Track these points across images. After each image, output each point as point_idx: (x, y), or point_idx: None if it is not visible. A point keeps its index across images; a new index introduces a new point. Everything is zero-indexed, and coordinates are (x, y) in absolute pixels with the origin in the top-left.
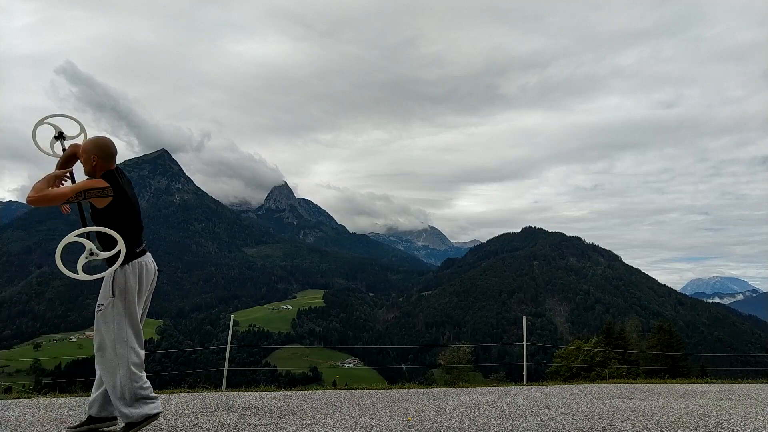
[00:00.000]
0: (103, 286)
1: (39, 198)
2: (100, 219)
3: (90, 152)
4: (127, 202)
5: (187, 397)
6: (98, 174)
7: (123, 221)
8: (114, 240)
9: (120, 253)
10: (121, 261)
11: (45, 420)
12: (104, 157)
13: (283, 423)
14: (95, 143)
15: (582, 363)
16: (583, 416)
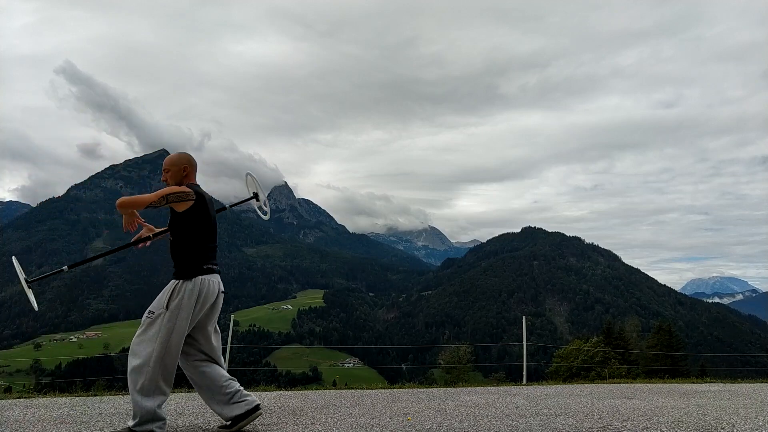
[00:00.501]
0: (160, 293)
1: (125, 201)
2: (177, 225)
3: (181, 163)
4: (206, 212)
5: (188, 396)
6: (184, 183)
7: (198, 230)
8: (186, 251)
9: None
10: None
11: (45, 420)
12: (193, 169)
13: (283, 423)
14: (184, 156)
15: (582, 363)
16: (583, 416)
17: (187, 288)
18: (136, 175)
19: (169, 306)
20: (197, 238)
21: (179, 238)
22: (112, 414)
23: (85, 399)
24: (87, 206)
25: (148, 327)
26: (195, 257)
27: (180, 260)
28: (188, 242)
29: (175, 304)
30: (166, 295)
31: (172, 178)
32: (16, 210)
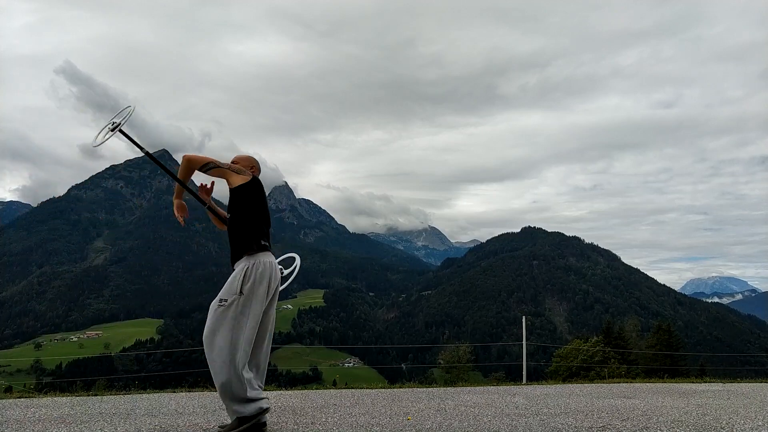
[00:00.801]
0: (229, 281)
1: (190, 158)
2: (232, 201)
3: (250, 162)
4: (260, 190)
5: (188, 396)
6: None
7: (253, 207)
8: (246, 232)
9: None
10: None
11: (46, 419)
12: (256, 168)
13: (284, 422)
14: (250, 159)
15: (581, 362)
16: (583, 415)
17: (258, 270)
18: (136, 175)
19: (243, 290)
20: (253, 214)
21: (237, 214)
22: (113, 414)
23: (85, 399)
24: (87, 206)
25: (221, 315)
26: (252, 234)
27: (241, 238)
28: (246, 218)
29: (249, 287)
30: (238, 279)
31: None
32: (16, 210)
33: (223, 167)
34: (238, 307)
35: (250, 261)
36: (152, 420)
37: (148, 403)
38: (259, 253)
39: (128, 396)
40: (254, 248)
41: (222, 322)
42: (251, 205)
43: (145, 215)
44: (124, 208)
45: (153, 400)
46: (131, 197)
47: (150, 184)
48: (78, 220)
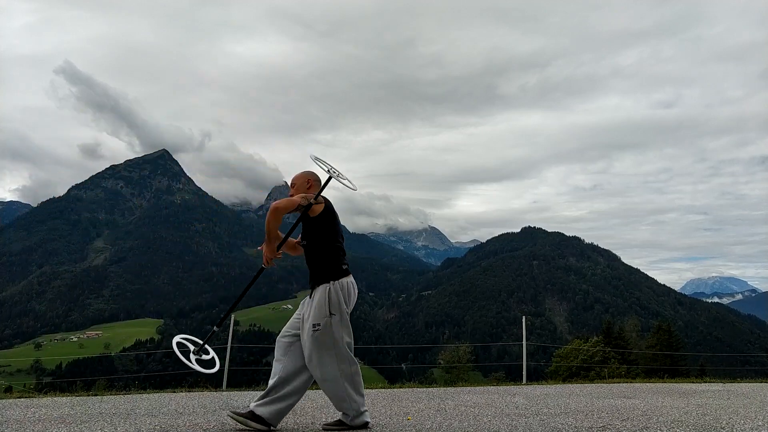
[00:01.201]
0: (316, 306)
1: (281, 206)
2: (310, 229)
3: (305, 177)
4: (334, 214)
5: (188, 396)
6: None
7: (331, 233)
8: (329, 259)
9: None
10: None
11: (46, 419)
12: (316, 181)
13: (284, 422)
14: (309, 174)
15: (581, 362)
16: (583, 415)
17: (338, 290)
18: (136, 176)
19: (331, 311)
20: (332, 240)
21: (316, 242)
22: (113, 414)
23: (85, 399)
24: (87, 206)
25: (318, 339)
26: (335, 259)
27: (321, 264)
28: (325, 245)
29: (335, 308)
30: (324, 303)
31: (297, 191)
32: (16, 210)
33: (304, 204)
34: (333, 326)
35: (332, 283)
36: (152, 420)
37: (148, 403)
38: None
39: (128, 396)
40: (338, 274)
41: (320, 344)
42: (330, 231)
43: (145, 215)
44: (124, 208)
45: (153, 400)
46: (131, 197)
47: (150, 184)
48: (78, 220)
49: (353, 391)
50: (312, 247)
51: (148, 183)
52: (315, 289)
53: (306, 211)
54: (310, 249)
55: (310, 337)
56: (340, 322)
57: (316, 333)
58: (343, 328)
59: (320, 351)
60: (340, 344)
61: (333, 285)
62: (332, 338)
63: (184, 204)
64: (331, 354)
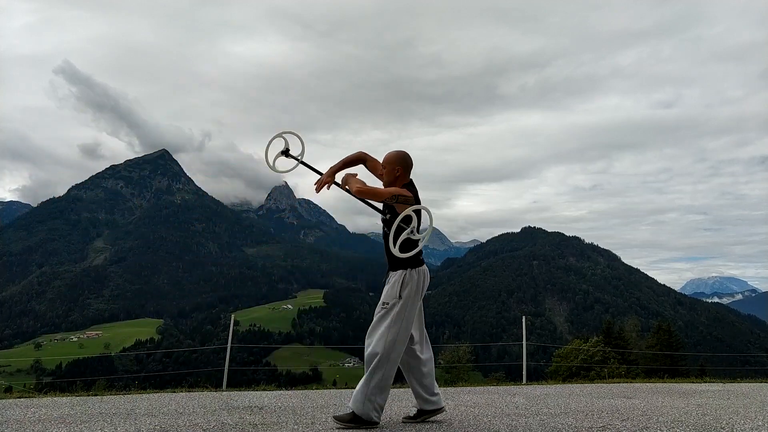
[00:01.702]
0: (390, 286)
1: (368, 190)
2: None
3: (394, 164)
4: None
5: (188, 396)
6: (398, 184)
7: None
8: (409, 244)
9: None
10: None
11: (46, 419)
12: (406, 169)
13: (284, 422)
14: (399, 156)
15: (581, 362)
16: (583, 415)
17: (414, 277)
18: (136, 175)
19: (401, 295)
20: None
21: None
22: (113, 414)
23: (85, 399)
24: (87, 206)
25: (383, 317)
26: (416, 252)
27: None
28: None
29: (407, 293)
30: (397, 285)
31: (386, 176)
32: (16, 210)
33: (391, 202)
34: (396, 309)
35: (408, 270)
36: (152, 420)
37: (148, 403)
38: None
39: (128, 396)
40: (415, 263)
41: (383, 321)
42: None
43: (145, 215)
44: (124, 208)
45: (153, 400)
46: (131, 197)
47: (150, 184)
48: (78, 220)
49: (384, 375)
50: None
51: (148, 183)
52: (391, 273)
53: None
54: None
55: (378, 312)
56: (406, 307)
57: (383, 310)
58: (406, 313)
59: (379, 327)
60: (400, 328)
61: (409, 272)
62: (393, 320)
63: (184, 204)
64: (386, 334)
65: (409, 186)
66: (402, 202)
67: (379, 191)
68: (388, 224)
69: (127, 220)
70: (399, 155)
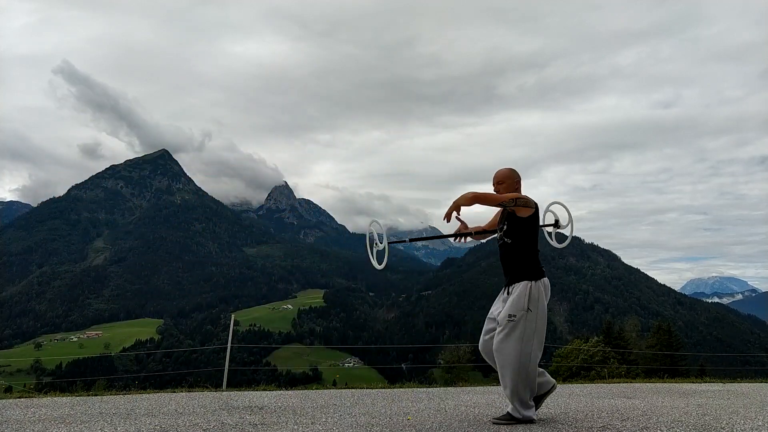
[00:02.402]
0: (516, 299)
1: (479, 196)
2: (517, 229)
3: (513, 177)
4: (538, 220)
5: (188, 396)
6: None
7: (534, 235)
8: (528, 254)
9: (537, 268)
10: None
11: (46, 419)
12: (520, 181)
13: (284, 422)
14: (512, 170)
15: (581, 362)
16: (583, 415)
17: (539, 289)
18: (137, 175)
19: (530, 307)
20: (535, 242)
21: (521, 242)
22: (113, 414)
23: (85, 399)
24: (87, 206)
25: (511, 330)
26: (536, 259)
27: (524, 263)
28: (530, 246)
29: (534, 305)
30: (524, 297)
31: (505, 189)
32: (16, 210)
33: (510, 206)
34: (526, 322)
35: (532, 281)
36: (152, 420)
37: (148, 403)
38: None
39: (128, 396)
40: (539, 274)
41: (512, 334)
42: (534, 233)
43: (145, 215)
44: (124, 208)
45: (153, 400)
46: (131, 197)
47: (150, 184)
48: (78, 220)
49: (526, 385)
50: (515, 246)
51: (148, 183)
52: (514, 285)
53: (513, 212)
54: (512, 247)
55: (505, 324)
56: (535, 319)
57: (510, 322)
58: (537, 325)
59: (509, 340)
60: (530, 339)
61: (534, 283)
62: (523, 332)
63: (184, 204)
64: (519, 347)
65: (536, 215)
66: (522, 205)
67: (498, 196)
68: (510, 234)
69: (127, 220)
70: (511, 170)
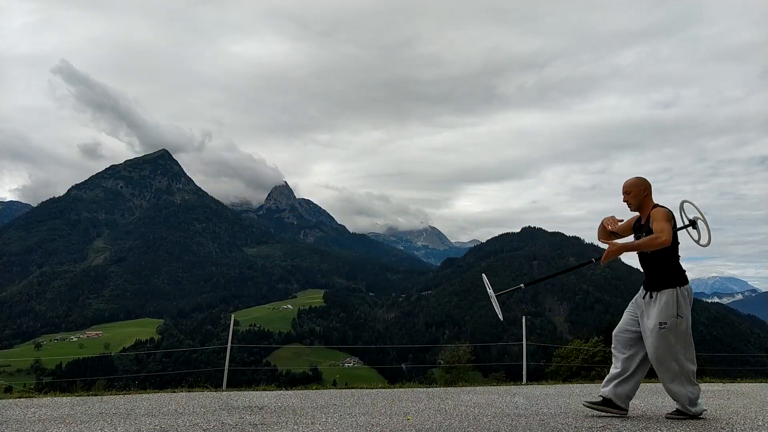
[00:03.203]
0: (664, 307)
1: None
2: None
3: (639, 186)
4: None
5: (188, 396)
6: (647, 202)
7: (677, 247)
8: (673, 262)
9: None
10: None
11: (46, 419)
12: (649, 190)
13: (284, 422)
14: (641, 179)
15: (582, 363)
16: (583, 415)
17: (684, 294)
18: (136, 175)
19: (679, 314)
20: (677, 249)
21: (667, 251)
22: (113, 414)
23: (85, 399)
24: (87, 206)
25: (664, 336)
26: (679, 266)
27: (669, 271)
28: (673, 254)
29: (682, 311)
30: (672, 304)
31: (634, 198)
32: (16, 210)
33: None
34: (678, 327)
35: (678, 288)
36: (152, 420)
37: (148, 403)
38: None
39: (128, 396)
40: (684, 281)
41: (667, 341)
42: (676, 242)
43: (145, 215)
44: (124, 208)
45: (153, 400)
46: (131, 197)
47: (150, 184)
48: (78, 220)
49: (689, 384)
50: (659, 255)
51: (148, 183)
52: (660, 291)
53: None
54: (655, 256)
55: (656, 333)
56: (685, 324)
57: (662, 330)
58: (687, 329)
59: (664, 348)
60: (683, 343)
61: (680, 290)
62: (676, 337)
63: (184, 204)
64: (674, 351)
65: (660, 206)
66: (669, 219)
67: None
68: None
69: (127, 220)
70: (640, 178)
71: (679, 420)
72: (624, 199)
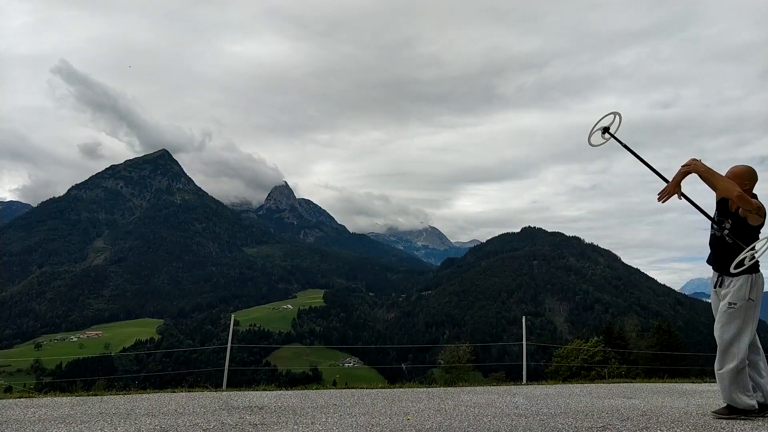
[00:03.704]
0: (738, 288)
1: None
2: (743, 229)
3: (743, 178)
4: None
5: (188, 396)
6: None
7: (757, 237)
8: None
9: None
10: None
11: (46, 419)
12: (752, 183)
13: (284, 422)
14: (748, 170)
15: (582, 362)
16: (583, 415)
17: (759, 281)
18: (136, 175)
19: (750, 297)
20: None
21: (743, 240)
22: (113, 414)
23: (85, 399)
24: (87, 206)
25: (732, 315)
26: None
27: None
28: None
29: (755, 295)
30: (746, 287)
31: (738, 183)
32: (16, 210)
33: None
34: (746, 310)
35: (752, 274)
36: (152, 420)
37: (148, 403)
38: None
39: (128, 396)
40: (757, 268)
41: (732, 320)
42: (756, 235)
43: (145, 215)
44: (124, 208)
45: (153, 400)
46: (131, 197)
47: (150, 184)
48: (78, 220)
49: (742, 372)
50: (736, 245)
51: (148, 183)
52: (737, 277)
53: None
54: (732, 245)
55: (725, 312)
56: (754, 309)
57: (730, 310)
58: (755, 313)
59: (729, 327)
60: (748, 327)
61: (755, 276)
62: (743, 319)
63: (184, 204)
64: (735, 331)
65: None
66: (762, 215)
67: (747, 198)
68: (734, 235)
69: (127, 220)
70: (748, 170)
71: (678, 421)
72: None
